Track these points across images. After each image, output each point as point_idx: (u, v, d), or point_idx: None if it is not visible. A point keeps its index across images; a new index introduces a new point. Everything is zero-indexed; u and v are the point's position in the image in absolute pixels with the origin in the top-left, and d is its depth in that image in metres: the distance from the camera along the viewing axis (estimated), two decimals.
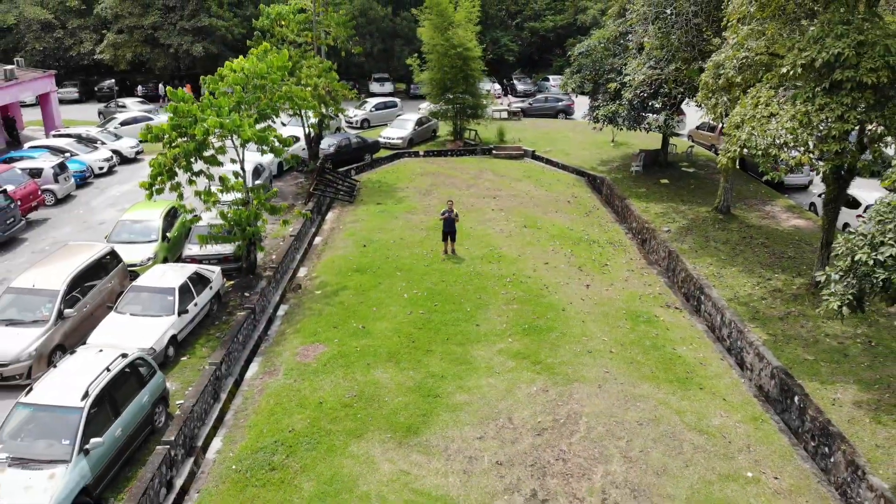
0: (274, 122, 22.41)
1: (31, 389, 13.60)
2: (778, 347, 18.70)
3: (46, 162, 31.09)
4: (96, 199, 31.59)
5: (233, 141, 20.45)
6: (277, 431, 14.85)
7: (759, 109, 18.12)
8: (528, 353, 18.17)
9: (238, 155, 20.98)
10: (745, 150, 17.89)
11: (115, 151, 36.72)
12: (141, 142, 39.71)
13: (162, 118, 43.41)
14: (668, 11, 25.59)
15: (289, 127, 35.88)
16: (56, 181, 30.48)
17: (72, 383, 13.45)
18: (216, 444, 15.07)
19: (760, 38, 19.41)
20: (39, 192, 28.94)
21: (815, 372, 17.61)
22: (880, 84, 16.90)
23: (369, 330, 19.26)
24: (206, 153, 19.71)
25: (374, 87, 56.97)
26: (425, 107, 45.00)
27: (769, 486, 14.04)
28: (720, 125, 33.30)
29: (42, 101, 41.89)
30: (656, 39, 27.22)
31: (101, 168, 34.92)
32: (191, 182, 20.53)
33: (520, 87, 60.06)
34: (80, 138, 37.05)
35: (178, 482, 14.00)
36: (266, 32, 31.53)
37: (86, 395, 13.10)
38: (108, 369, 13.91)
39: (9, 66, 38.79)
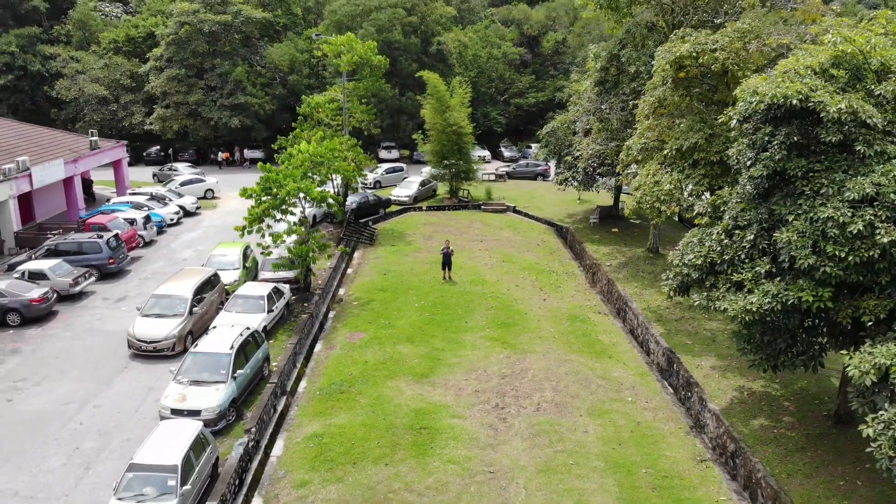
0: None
1: (196, 345, 22.75)
2: (670, 337, 27.93)
3: (138, 214, 40.61)
4: (173, 242, 40.94)
5: (300, 199, 29.96)
6: (341, 376, 23.97)
7: (649, 177, 27.77)
8: (499, 338, 27.36)
9: (303, 209, 30.49)
10: (639, 203, 27.45)
11: (180, 206, 46.25)
12: (199, 198, 49.53)
13: (212, 179, 53.42)
14: (604, 107, 35.63)
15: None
16: (144, 229, 39.93)
17: (221, 341, 22.59)
18: (302, 385, 24.14)
19: (654, 130, 29.19)
20: (137, 237, 38.43)
21: (690, 350, 26.82)
22: (722, 161, 26.55)
23: (392, 324, 28.47)
24: (283, 207, 29.19)
25: (383, 153, 66.94)
26: (427, 171, 54.82)
27: (641, 405, 23.14)
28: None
29: (115, 165, 51.50)
30: (600, 123, 37.18)
31: (171, 220, 44.37)
32: (268, 227, 29.98)
33: (506, 153, 70.31)
34: (152, 196, 46.63)
35: (280, 405, 22.98)
36: (307, 117, 41.49)
37: (232, 346, 22.23)
38: (240, 335, 23.06)
39: (93, 138, 48.47)
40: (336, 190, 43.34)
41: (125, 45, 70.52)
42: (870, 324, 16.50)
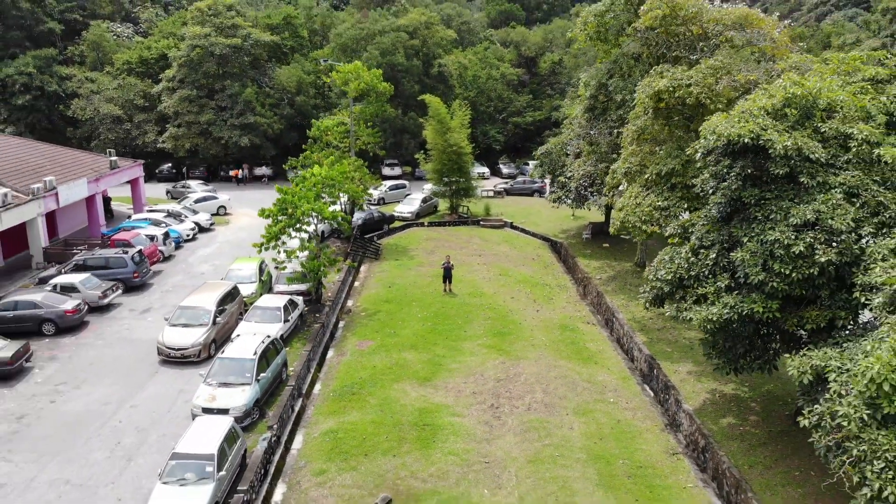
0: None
1: (223, 351, 25.32)
2: (652, 345, 30.48)
3: (158, 230, 43.27)
4: (190, 257, 43.56)
5: (312, 218, 32.61)
6: (352, 379, 26.54)
7: (631, 199, 30.42)
8: (495, 346, 29.92)
9: (316, 227, 33.12)
10: (622, 223, 30.11)
11: (195, 223, 48.90)
12: (213, 214, 52.22)
13: (224, 197, 56.13)
14: (593, 132, 38.37)
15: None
16: (164, 244, 42.58)
17: (245, 348, 25.17)
18: (317, 387, 26.71)
19: (637, 156, 31.86)
20: (157, 252, 41.07)
21: (670, 357, 29.36)
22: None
23: (398, 333, 31.05)
24: (297, 226, 31.84)
25: (386, 170, 69.63)
26: (428, 188, 57.53)
27: (621, 406, 25.70)
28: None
29: (132, 184, 54.16)
30: (590, 146, 39.90)
31: (187, 235, 47.01)
32: (282, 243, 32.60)
33: (504, 170, 73.11)
34: (169, 213, 49.30)
35: (297, 405, 25.52)
36: (317, 140, 44.26)
37: (255, 352, 24.80)
38: (262, 342, 25.64)
39: (113, 158, 51.16)
40: (343, 208, 46.01)
41: (138, 66, 73.49)
42: (813, 331, 19.07)
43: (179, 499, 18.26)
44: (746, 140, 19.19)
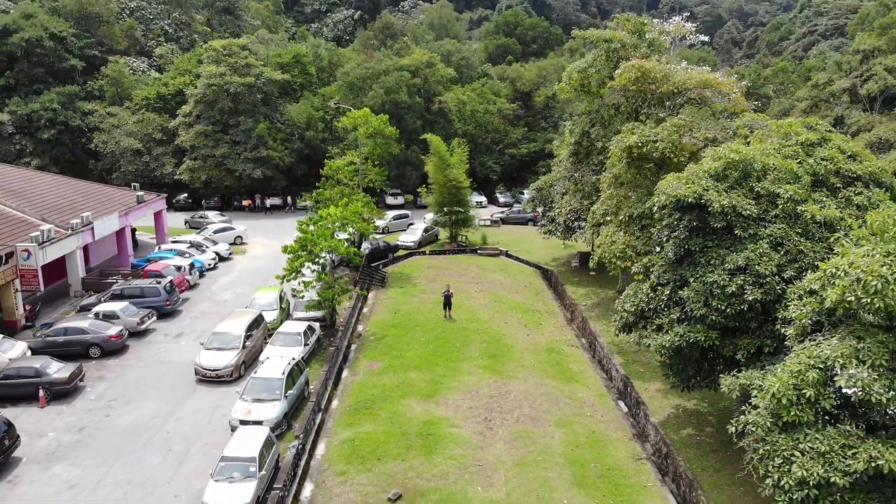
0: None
1: (256, 371, 29.52)
2: (627, 366, 34.69)
3: (184, 261, 47.59)
4: (213, 286, 47.83)
5: (328, 253, 36.93)
6: (364, 396, 30.72)
7: (608, 237, 34.75)
8: (489, 366, 34.11)
9: (331, 261, 37.42)
10: (599, 258, 34.42)
11: (216, 253, 53.22)
12: (231, 244, 56.58)
13: (241, 227, 60.51)
14: (577, 175, 42.84)
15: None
16: (190, 274, 46.89)
17: (275, 368, 29.37)
18: (334, 403, 30.89)
19: (613, 199, 36.23)
20: (185, 281, 45.39)
21: (642, 377, 33.56)
22: None
23: (403, 355, 35.24)
24: (316, 260, 36.19)
25: (389, 199, 74.06)
26: (429, 217, 61.92)
27: (597, 419, 29.88)
28: None
29: (156, 217, 58.49)
30: (575, 186, 44.33)
31: (209, 265, 51.31)
32: (301, 274, 36.90)
33: (501, 199, 77.68)
34: (191, 244, 53.63)
35: (318, 419, 29.67)
36: (329, 178, 48.70)
37: (283, 372, 29.01)
38: (289, 363, 29.85)
39: (139, 192, 55.54)
40: (352, 238, 50.34)
41: (156, 101, 78.06)
42: (746, 356, 23.32)
43: (229, 493, 22.41)
44: (690, 199, 23.55)
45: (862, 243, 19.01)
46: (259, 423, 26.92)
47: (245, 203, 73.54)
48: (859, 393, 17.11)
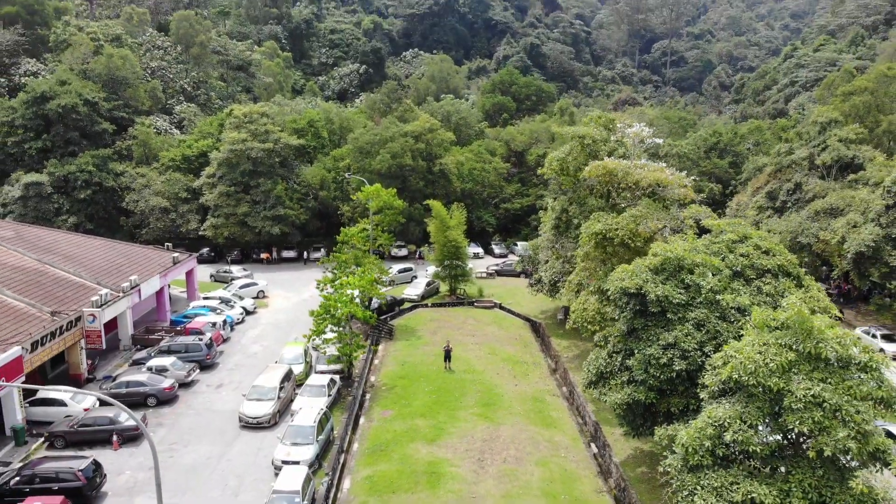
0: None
1: (293, 419, 36.44)
2: (599, 413, 41.56)
3: (218, 318, 54.65)
4: (243, 339, 54.83)
5: (346, 315, 44.03)
6: (379, 440, 37.60)
7: (580, 304, 41.79)
8: (482, 414, 40.99)
9: (350, 322, 44.48)
10: (574, 322, 41.48)
11: (243, 308, 60.29)
12: (255, 298, 63.68)
13: (262, 282, 67.65)
14: (557, 246, 50.16)
15: None
16: (223, 329, 53.94)
17: (308, 417, 36.30)
18: (355, 446, 37.77)
19: (586, 271, 43.32)
20: (220, 336, 52.44)
21: (610, 423, 40.35)
22: None
23: (410, 404, 42.14)
24: (338, 322, 43.27)
25: (395, 251, 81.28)
26: (431, 270, 69.09)
27: (570, 459, 36.75)
28: None
29: (188, 275, 65.56)
30: (556, 254, 51.60)
31: (238, 319, 58.35)
32: (324, 331, 43.95)
33: (496, 250, 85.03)
34: (221, 300, 60.69)
35: (342, 459, 36.47)
36: (345, 243, 55.90)
37: (315, 420, 35.93)
38: (319, 412, 36.76)
39: (175, 254, 62.69)
40: (364, 298, 57.46)
41: (181, 163, 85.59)
42: (679, 411, 30.29)
43: None
44: (632, 290, 30.70)
45: (747, 333, 26.09)
46: (297, 462, 33.77)
47: (263, 256, 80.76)
48: (741, 444, 24.08)
